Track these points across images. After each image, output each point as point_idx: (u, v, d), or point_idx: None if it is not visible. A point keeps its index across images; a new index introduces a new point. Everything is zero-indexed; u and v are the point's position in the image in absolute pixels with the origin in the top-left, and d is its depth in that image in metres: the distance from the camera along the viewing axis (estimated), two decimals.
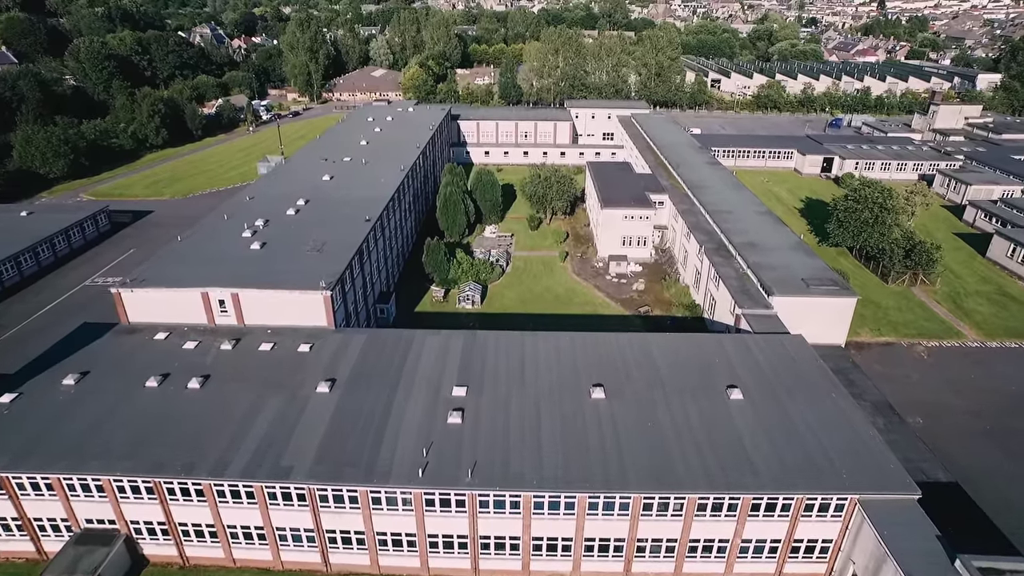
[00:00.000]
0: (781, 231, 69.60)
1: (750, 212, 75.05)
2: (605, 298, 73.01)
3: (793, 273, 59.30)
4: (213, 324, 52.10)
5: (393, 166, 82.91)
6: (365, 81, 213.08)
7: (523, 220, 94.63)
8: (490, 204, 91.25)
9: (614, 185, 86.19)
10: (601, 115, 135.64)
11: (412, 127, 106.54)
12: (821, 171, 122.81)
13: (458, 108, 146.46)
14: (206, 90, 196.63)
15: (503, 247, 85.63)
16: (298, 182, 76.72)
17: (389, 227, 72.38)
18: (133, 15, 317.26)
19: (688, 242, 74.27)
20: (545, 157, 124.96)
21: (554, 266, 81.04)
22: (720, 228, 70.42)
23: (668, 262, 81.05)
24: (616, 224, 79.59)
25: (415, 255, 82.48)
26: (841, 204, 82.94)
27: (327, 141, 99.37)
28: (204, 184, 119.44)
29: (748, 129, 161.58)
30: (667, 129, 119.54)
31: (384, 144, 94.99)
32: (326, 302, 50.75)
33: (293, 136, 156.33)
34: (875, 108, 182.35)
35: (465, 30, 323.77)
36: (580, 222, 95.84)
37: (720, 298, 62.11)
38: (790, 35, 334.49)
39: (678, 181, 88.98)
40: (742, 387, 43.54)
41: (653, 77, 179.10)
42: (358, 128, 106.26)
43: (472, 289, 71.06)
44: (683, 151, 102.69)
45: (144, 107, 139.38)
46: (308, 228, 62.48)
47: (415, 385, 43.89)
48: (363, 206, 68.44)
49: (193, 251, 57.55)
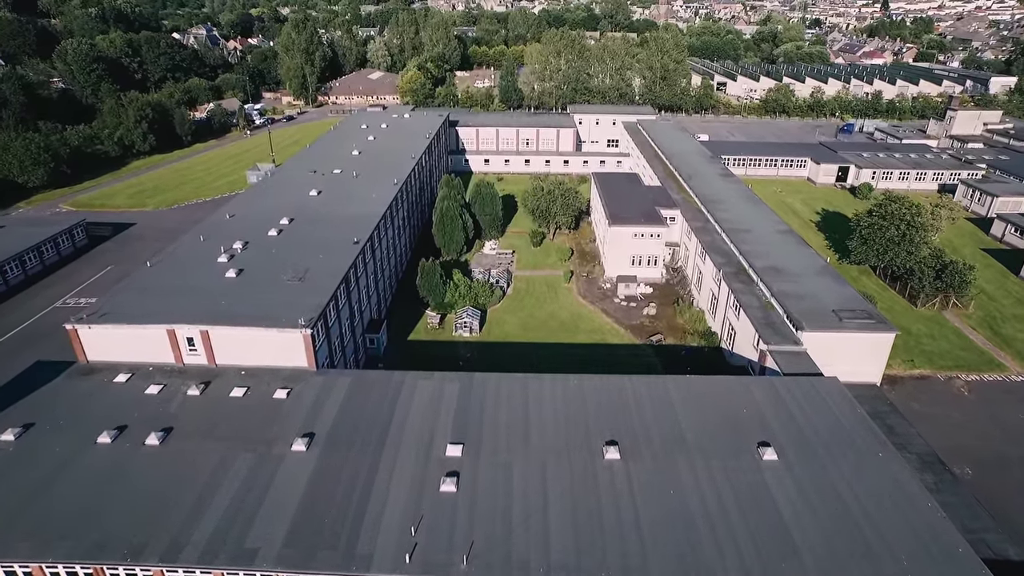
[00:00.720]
0: (805, 253, 64.20)
1: (770, 231, 69.67)
2: (614, 324, 67.65)
3: (822, 303, 53.91)
4: (181, 364, 46.76)
5: (386, 179, 77.56)
6: (362, 84, 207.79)
7: (525, 235, 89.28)
8: (490, 218, 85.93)
9: (622, 199, 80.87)
10: (606, 121, 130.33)
11: (408, 135, 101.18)
12: (836, 180, 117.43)
13: (457, 113, 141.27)
14: (198, 93, 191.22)
15: (503, 266, 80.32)
16: (283, 198, 71.36)
17: (380, 248, 67.05)
18: (127, 16, 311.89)
19: (703, 263, 68.90)
20: (548, 166, 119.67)
21: (558, 287, 75.69)
22: (739, 249, 65.03)
23: (680, 283, 75.68)
24: (625, 243, 74.25)
25: (410, 274, 77.13)
26: (865, 220, 77.57)
27: (317, 151, 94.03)
28: (191, 194, 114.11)
29: (757, 135, 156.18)
30: (675, 137, 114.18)
31: (377, 154, 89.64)
32: (306, 341, 45.40)
33: (286, 142, 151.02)
34: (887, 113, 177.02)
35: (465, 31, 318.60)
36: (585, 237, 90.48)
37: (741, 329, 56.76)
38: (795, 36, 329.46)
39: (690, 195, 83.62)
40: (776, 445, 38.19)
41: (658, 80, 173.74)
42: (350, 136, 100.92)
43: (470, 315, 65.70)
44: (694, 161, 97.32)
45: (130, 112, 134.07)
46: (290, 252, 57.12)
47: (403, 443, 38.54)
48: (352, 226, 63.09)
49: (162, 279, 52.15)
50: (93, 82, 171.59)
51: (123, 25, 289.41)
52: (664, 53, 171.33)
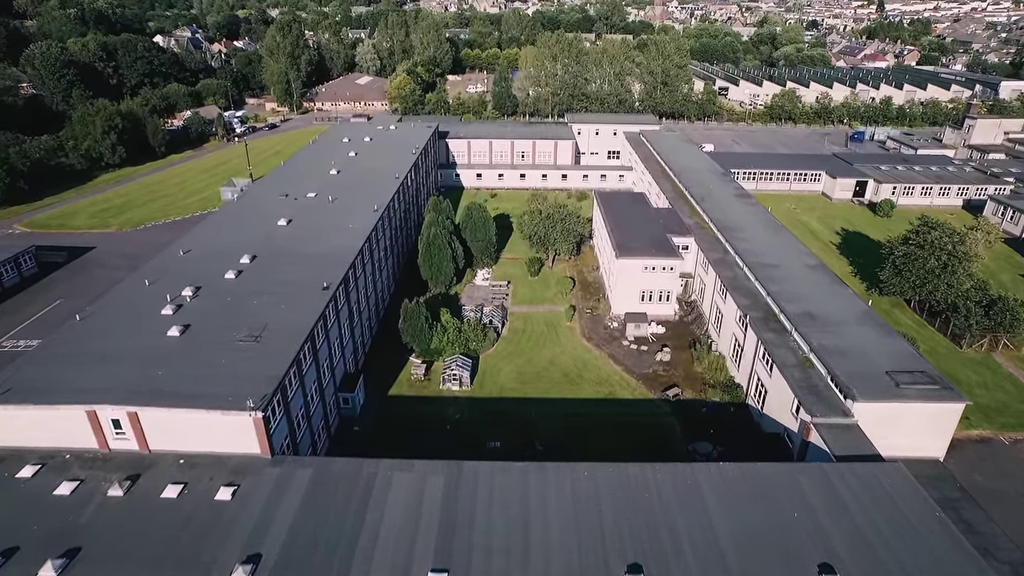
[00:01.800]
0: (842, 294, 56.25)
1: (799, 265, 61.71)
2: (623, 373, 59.53)
3: (872, 362, 45.95)
4: (106, 449, 38.38)
5: (365, 205, 69.21)
6: (349, 89, 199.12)
7: (521, 262, 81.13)
8: (482, 244, 77.70)
9: (629, 224, 72.81)
10: (606, 131, 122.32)
11: (392, 150, 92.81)
12: (853, 196, 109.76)
13: (448, 122, 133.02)
14: (177, 100, 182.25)
15: (498, 300, 72.14)
16: (247, 229, 62.89)
17: (357, 290, 58.73)
18: (108, 17, 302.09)
19: (723, 302, 60.91)
20: (544, 180, 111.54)
21: (559, 326, 67.53)
22: (766, 289, 57.04)
23: (696, 321, 67.67)
24: (634, 277, 66.20)
25: (393, 310, 68.79)
26: (900, 249, 69.78)
27: (292, 169, 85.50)
28: (159, 212, 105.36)
29: (765, 145, 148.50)
30: (682, 150, 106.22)
31: (358, 173, 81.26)
32: (257, 426, 37.09)
33: (267, 153, 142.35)
34: (897, 119, 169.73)
35: (457, 33, 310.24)
36: (588, 264, 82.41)
37: (775, 389, 48.78)
38: (794, 39, 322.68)
39: (704, 219, 75.64)
40: (841, 569, 30.19)
41: (659, 86, 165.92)
42: (330, 151, 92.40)
43: (460, 366, 57.47)
44: (705, 179, 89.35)
45: (98, 122, 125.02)
46: (248, 301, 48.73)
47: (373, 572, 30.30)
48: (323, 265, 54.76)
49: (89, 340, 43.65)
50: (63, 88, 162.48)
51: (104, 27, 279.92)
52: (665, 57, 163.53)
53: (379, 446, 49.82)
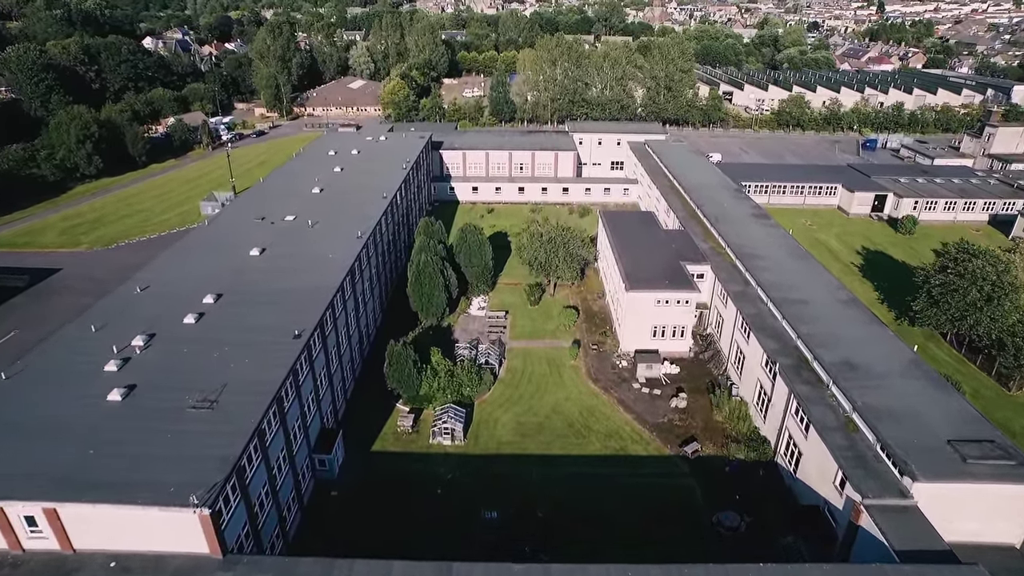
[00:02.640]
0: (883, 338, 49.89)
1: (830, 301, 55.34)
2: (634, 423, 53.17)
3: (929, 427, 39.60)
4: (19, 551, 31.89)
5: (349, 230, 62.71)
6: (341, 94, 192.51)
7: (520, 288, 74.72)
8: (478, 270, 71.29)
9: (638, 250, 66.45)
10: (609, 141, 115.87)
11: (382, 164, 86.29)
12: (872, 210, 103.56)
13: (442, 130, 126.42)
14: (162, 105, 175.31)
15: (495, 333, 65.79)
16: (214, 261, 56.36)
17: (337, 331, 52.26)
18: (97, 18, 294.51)
19: (746, 342, 54.59)
20: (544, 194, 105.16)
21: (563, 365, 61.11)
22: (795, 330, 50.68)
23: (714, 359, 61.32)
24: (645, 311, 59.83)
25: (380, 346, 62.36)
26: (936, 278, 63.51)
27: (272, 186, 78.91)
28: (134, 229, 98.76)
29: (774, 153, 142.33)
30: (691, 163, 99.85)
31: (343, 192, 74.73)
32: (204, 523, 30.60)
33: (253, 162, 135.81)
34: (909, 126, 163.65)
35: (453, 35, 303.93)
36: (592, 290, 76.06)
37: (812, 453, 42.49)
38: (797, 41, 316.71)
39: (720, 244, 69.28)
40: None
41: (662, 91, 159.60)
42: (314, 166, 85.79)
43: (452, 417, 51.07)
44: (718, 196, 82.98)
45: (72, 131, 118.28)
46: (206, 353, 42.24)
47: None
48: (297, 306, 48.31)
49: (12, 407, 37.09)
50: (42, 93, 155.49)
51: (91, 28, 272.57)
52: (669, 62, 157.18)
53: (359, 519, 43.51)
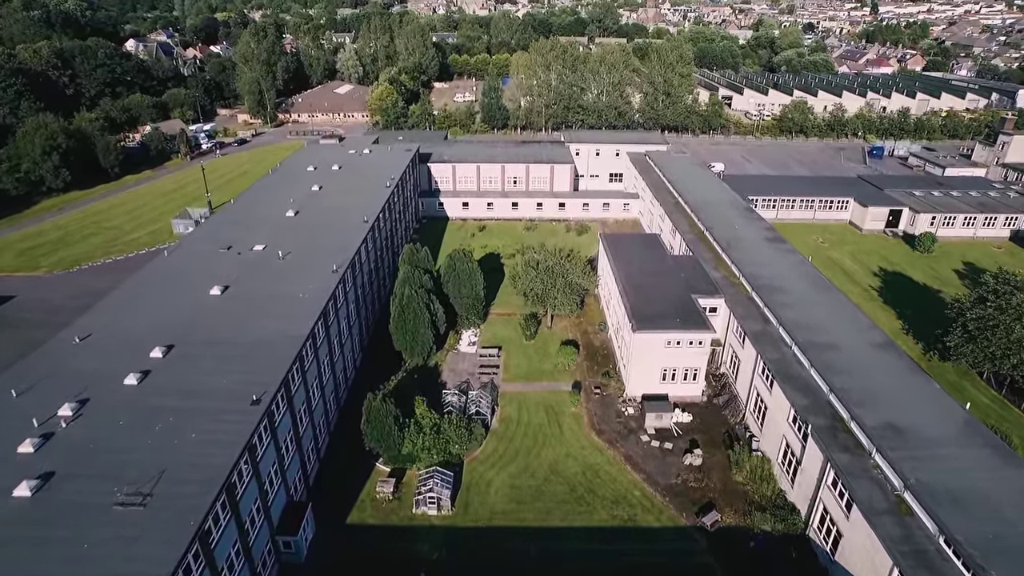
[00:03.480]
0: (930, 393, 43.84)
1: (863, 344, 49.30)
2: (644, 485, 47.00)
3: (1003, 514, 33.52)
4: None
5: (323, 262, 56.28)
6: (327, 100, 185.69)
7: (514, 319, 68.44)
8: (468, 301, 64.95)
9: (644, 280, 60.32)
10: (608, 152, 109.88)
11: (364, 182, 79.87)
12: (886, 226, 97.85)
13: (432, 140, 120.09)
14: (140, 112, 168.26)
15: (486, 375, 59.53)
16: (171, 300, 49.83)
17: (306, 386, 45.79)
18: (77, 20, 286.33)
19: (769, 391, 48.55)
20: (540, 210, 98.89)
21: (562, 413, 54.86)
22: (828, 383, 44.60)
23: (729, 405, 55.23)
24: (654, 354, 53.74)
25: (358, 392, 56.13)
26: (974, 311, 57.66)
27: (242, 209, 72.22)
28: (100, 249, 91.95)
29: (778, 162, 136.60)
30: (696, 177, 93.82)
31: (319, 215, 68.22)
32: None
33: (233, 173, 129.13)
34: (915, 132, 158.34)
35: (444, 37, 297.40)
36: (592, 320, 69.86)
37: (857, 537, 36.49)
38: (794, 43, 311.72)
39: (734, 272, 63.22)
40: None
41: (661, 97, 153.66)
42: (290, 184, 79.24)
43: (439, 482, 44.77)
44: (727, 216, 76.95)
45: (37, 141, 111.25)
46: (146, 426, 35.79)
47: None
48: (259, 361, 41.91)
49: None
50: (11, 99, 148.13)
51: (71, 30, 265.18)
52: (667, 66, 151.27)
53: None
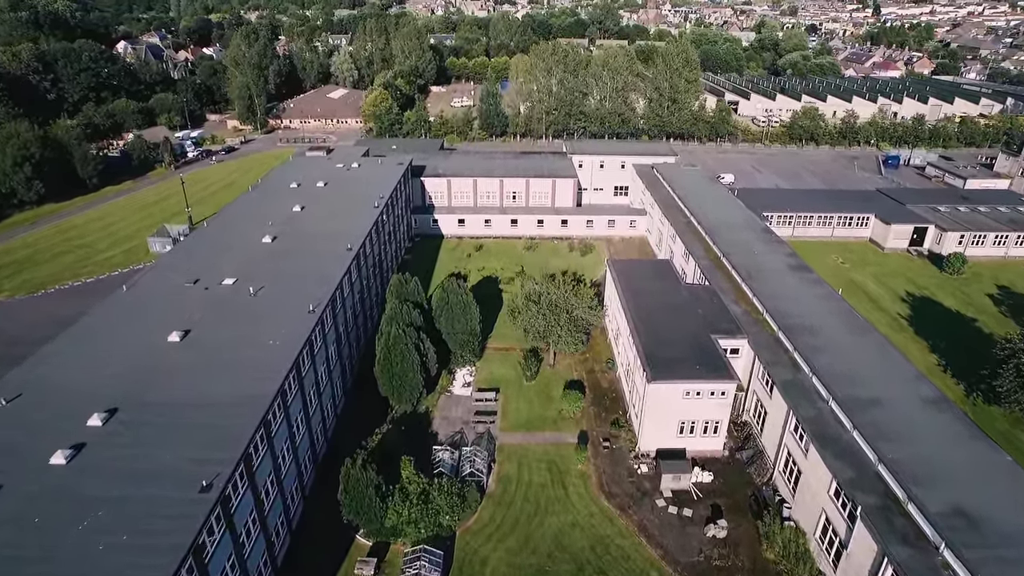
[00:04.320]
0: (999, 466, 37.69)
1: (912, 399, 43.17)
2: (663, 563, 40.85)
3: None
4: None
5: (300, 299, 50.12)
6: (320, 105, 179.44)
7: (513, 354, 62.41)
8: (462, 337, 58.86)
9: (657, 318, 54.23)
10: (612, 164, 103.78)
11: (350, 201, 73.69)
12: (910, 244, 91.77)
13: (426, 151, 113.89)
14: (125, 117, 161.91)
15: (483, 423, 53.39)
16: (121, 350, 43.64)
17: (272, 451, 39.57)
18: (67, 21, 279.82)
19: (804, 454, 42.47)
20: (540, 227, 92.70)
21: (568, 471, 48.71)
22: (877, 452, 38.47)
23: (755, 462, 49.11)
24: (671, 405, 47.63)
25: (339, 444, 50.13)
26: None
27: (215, 233, 65.88)
28: (68, 271, 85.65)
29: (790, 173, 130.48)
30: (707, 193, 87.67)
31: (298, 242, 62.01)
32: None
33: (217, 184, 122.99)
34: (930, 140, 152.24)
35: (443, 39, 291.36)
36: (600, 356, 63.71)
37: None
38: (798, 45, 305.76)
39: (757, 307, 57.08)
40: None
41: (666, 103, 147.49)
42: (270, 203, 72.98)
43: (426, 564, 38.61)
44: (745, 239, 70.74)
45: (8, 151, 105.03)
46: (66, 524, 29.62)
47: None
48: (213, 432, 35.73)
49: None
50: None
51: (60, 31, 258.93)
52: (673, 70, 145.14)
53: None
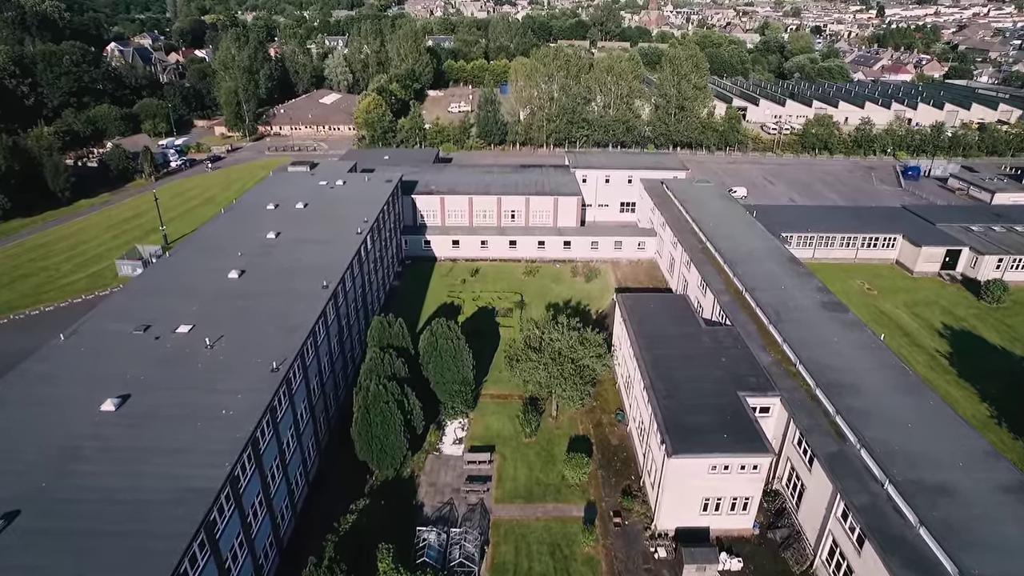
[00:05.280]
0: None
1: (988, 487, 36.04)
2: None
3: None
4: None
5: (263, 353, 43.07)
6: (311, 111, 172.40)
7: (511, 403, 55.47)
8: (454, 387, 51.89)
9: (676, 369, 47.29)
10: (619, 178, 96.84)
11: (332, 226, 66.55)
12: (941, 267, 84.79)
13: (419, 163, 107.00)
14: (107, 124, 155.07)
15: (475, 491, 46.37)
16: (43, 424, 36.58)
17: (219, 561, 32.48)
18: (55, 22, 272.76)
19: (857, 551, 35.53)
20: (541, 249, 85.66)
21: (573, 557, 41.60)
22: (956, 564, 31.35)
23: (790, 543, 42.07)
24: (694, 481, 40.63)
25: (310, 520, 43.21)
26: None
27: (175, 267, 58.46)
28: (24, 298, 78.54)
29: (804, 185, 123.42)
30: (725, 214, 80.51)
31: (268, 280, 54.86)
32: None
33: (198, 198, 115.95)
34: (950, 149, 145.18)
35: (441, 41, 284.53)
36: (607, 403, 56.71)
37: None
38: (805, 47, 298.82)
39: (786, 352, 50.02)
40: None
41: (673, 110, 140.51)
42: (241, 231, 65.62)
43: None
44: (770, 271, 63.46)
45: None
46: None
47: None
48: (135, 541, 28.73)
49: None
50: None
51: (49, 33, 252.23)
52: (681, 76, 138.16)
53: None
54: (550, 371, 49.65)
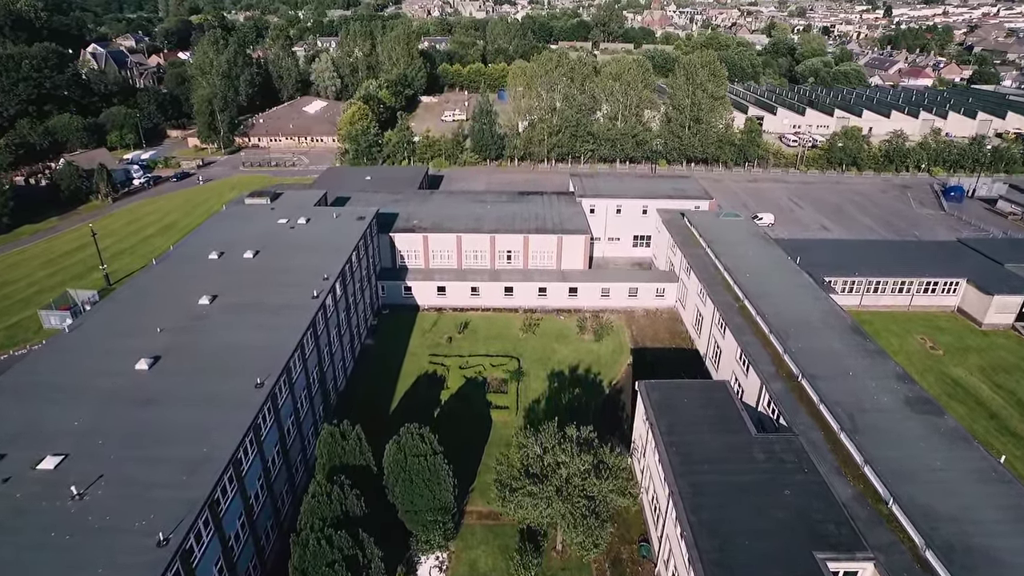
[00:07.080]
0: None
1: None
2: None
3: None
4: None
5: (150, 511, 30.36)
6: (293, 120, 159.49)
7: (503, 528, 42.76)
8: (428, 517, 39.14)
9: (723, 508, 34.63)
10: (632, 209, 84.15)
11: (284, 284, 53.76)
12: (1016, 319, 72.01)
13: (402, 185, 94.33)
14: (68, 135, 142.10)
15: None
16: None
17: None
18: (31, 22, 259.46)
19: None
20: (543, 296, 72.79)
21: None
22: None
23: None
24: None
25: None
26: None
27: (71, 347, 45.58)
28: None
29: (833, 208, 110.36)
30: (765, 261, 67.22)
31: (186, 369, 42.07)
32: None
33: (157, 224, 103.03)
34: (991, 165, 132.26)
35: (436, 43, 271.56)
36: (628, 528, 43.92)
37: None
38: (817, 50, 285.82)
39: (874, 487, 37.17)
40: None
41: (688, 123, 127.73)
42: (171, 292, 52.78)
43: None
44: (833, 348, 50.34)
45: None
46: None
47: None
48: None
49: None
50: None
51: (24, 33, 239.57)
52: (696, 86, 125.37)
53: None
54: (555, 508, 36.78)
